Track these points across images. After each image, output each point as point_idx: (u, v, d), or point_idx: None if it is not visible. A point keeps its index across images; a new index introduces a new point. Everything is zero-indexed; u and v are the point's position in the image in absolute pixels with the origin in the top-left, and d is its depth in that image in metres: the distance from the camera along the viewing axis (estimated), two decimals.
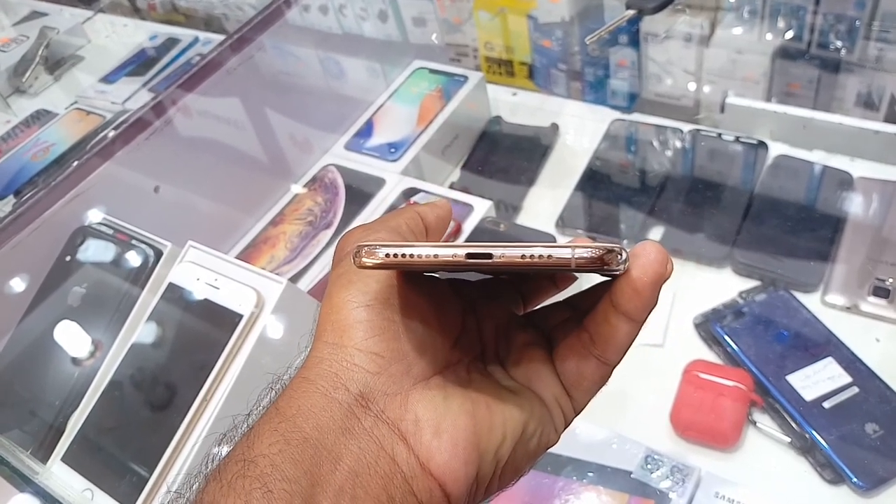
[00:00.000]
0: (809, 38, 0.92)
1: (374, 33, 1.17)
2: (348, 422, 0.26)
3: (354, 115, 1.01)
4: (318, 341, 0.28)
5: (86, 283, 0.73)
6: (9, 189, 1.11)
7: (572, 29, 1.04)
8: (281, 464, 0.25)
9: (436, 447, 0.26)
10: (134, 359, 0.65)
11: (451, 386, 0.28)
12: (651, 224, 0.82)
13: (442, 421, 0.27)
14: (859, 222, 0.76)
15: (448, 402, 0.27)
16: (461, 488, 0.26)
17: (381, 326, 0.27)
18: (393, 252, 0.25)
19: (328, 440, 0.25)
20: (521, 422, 0.29)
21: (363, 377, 0.27)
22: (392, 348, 0.27)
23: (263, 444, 0.25)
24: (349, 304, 0.28)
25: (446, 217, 0.34)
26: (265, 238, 0.90)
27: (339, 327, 0.28)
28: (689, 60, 0.98)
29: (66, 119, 1.22)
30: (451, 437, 0.26)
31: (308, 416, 0.26)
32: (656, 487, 0.60)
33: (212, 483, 0.25)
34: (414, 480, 0.26)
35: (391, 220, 0.32)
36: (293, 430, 0.25)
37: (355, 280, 0.28)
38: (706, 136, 0.89)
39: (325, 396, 0.26)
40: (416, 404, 0.27)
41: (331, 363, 0.27)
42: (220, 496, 0.24)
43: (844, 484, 0.60)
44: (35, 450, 0.65)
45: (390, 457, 0.26)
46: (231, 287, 0.63)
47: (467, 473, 0.27)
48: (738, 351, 0.69)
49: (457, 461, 0.26)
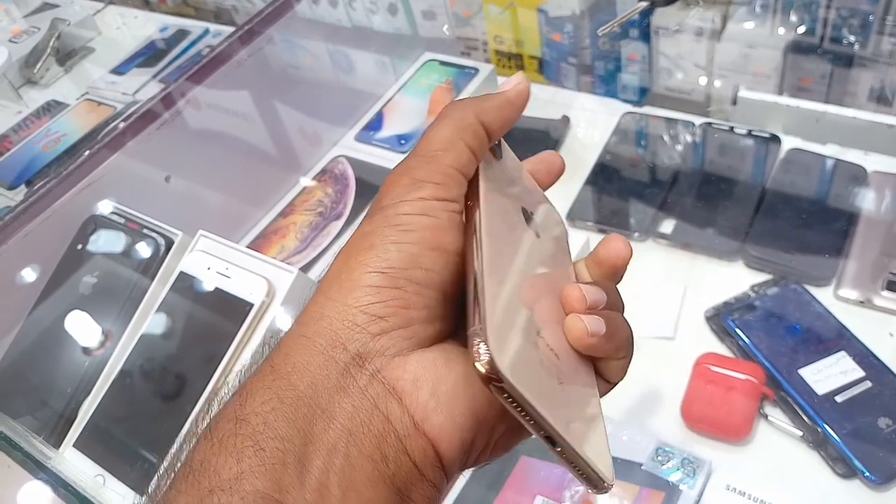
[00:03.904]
0: (822, 33, 0.92)
1: (384, 27, 1.17)
2: (343, 380, 0.25)
3: (363, 109, 1.01)
4: (322, 295, 0.28)
5: (97, 272, 0.74)
6: (20, 179, 1.11)
7: (583, 22, 1.03)
8: (274, 422, 0.24)
9: (432, 408, 0.26)
10: (145, 348, 0.65)
11: (454, 352, 0.28)
12: (662, 217, 0.82)
13: (441, 383, 0.26)
14: (873, 217, 0.76)
15: (449, 367, 0.27)
16: (455, 451, 0.26)
17: (391, 294, 0.27)
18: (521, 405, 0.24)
19: (322, 398, 0.25)
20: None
21: (363, 338, 0.26)
22: (399, 315, 0.27)
23: (256, 402, 0.25)
24: (363, 267, 0.27)
25: (514, 115, 0.32)
26: (275, 229, 0.90)
27: (347, 286, 0.27)
28: (700, 55, 0.98)
29: (77, 110, 1.22)
30: (449, 400, 0.26)
31: (303, 374, 0.25)
32: (667, 479, 0.60)
33: (203, 442, 0.25)
34: (407, 439, 0.25)
35: (446, 155, 0.29)
36: (287, 388, 0.25)
37: (378, 244, 0.27)
38: (718, 130, 0.88)
39: (323, 354, 0.26)
40: (416, 364, 0.26)
41: (331, 321, 0.26)
42: (210, 454, 0.24)
43: (856, 478, 0.60)
44: (47, 436, 0.66)
45: (384, 416, 0.25)
46: (242, 276, 0.63)
47: (462, 439, 0.26)
48: (750, 344, 0.68)
49: (452, 425, 0.26)
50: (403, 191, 0.29)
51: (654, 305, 0.74)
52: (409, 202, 0.28)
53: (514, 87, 0.32)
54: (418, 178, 0.29)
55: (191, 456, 0.25)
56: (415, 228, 0.28)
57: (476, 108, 0.31)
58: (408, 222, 0.28)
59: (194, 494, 0.24)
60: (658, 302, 0.75)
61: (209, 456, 0.24)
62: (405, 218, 0.28)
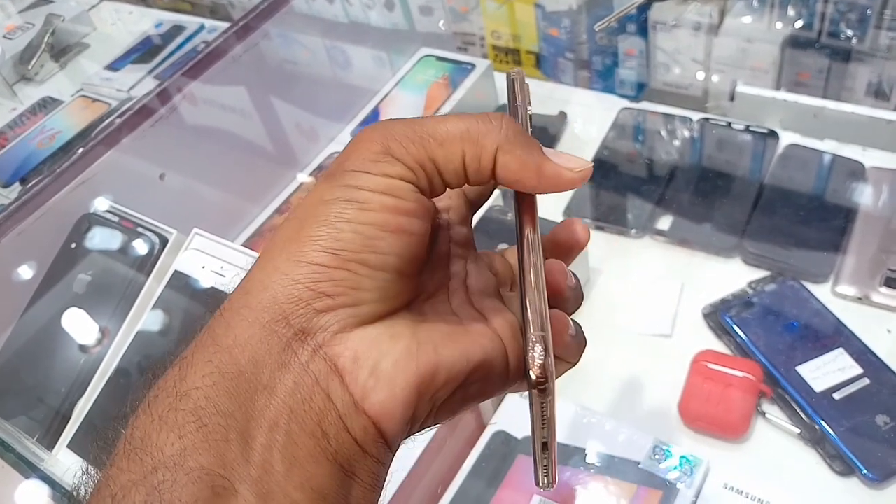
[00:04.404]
0: (820, 27, 0.92)
1: (381, 22, 1.17)
2: (285, 356, 0.25)
3: (360, 104, 1.00)
4: (269, 263, 0.26)
5: (91, 270, 0.73)
6: (15, 176, 1.11)
7: (580, 18, 1.03)
8: (215, 397, 0.24)
9: (371, 386, 0.25)
10: (140, 346, 0.65)
11: (401, 325, 0.27)
12: (659, 214, 0.81)
13: (382, 360, 0.26)
14: (871, 212, 0.76)
15: (393, 342, 0.26)
16: (397, 427, 0.26)
17: (340, 275, 0.26)
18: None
19: (264, 374, 0.24)
20: (466, 369, 0.27)
21: (307, 313, 0.25)
22: (346, 294, 0.26)
23: (197, 376, 0.24)
24: (313, 244, 0.26)
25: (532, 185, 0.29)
26: (271, 226, 0.89)
27: (296, 260, 0.26)
28: (697, 49, 0.98)
29: (72, 106, 1.22)
30: (390, 377, 0.25)
31: (245, 348, 0.25)
32: (664, 478, 0.60)
33: (142, 416, 0.24)
34: (348, 418, 0.25)
35: (439, 149, 0.27)
36: (228, 363, 0.25)
37: (332, 221, 0.26)
38: (716, 125, 0.88)
39: (265, 328, 0.25)
40: (358, 342, 0.26)
41: (276, 294, 0.25)
42: (151, 430, 0.24)
43: (854, 476, 0.60)
44: (41, 436, 0.65)
45: (325, 393, 0.25)
46: (237, 275, 0.63)
47: (404, 414, 0.26)
48: (748, 341, 0.68)
49: (393, 402, 0.25)
50: (371, 158, 0.26)
51: (651, 302, 0.74)
52: (373, 176, 0.26)
53: (556, 168, 0.29)
54: (392, 150, 0.27)
55: (130, 432, 0.24)
56: (374, 208, 0.26)
57: (507, 142, 0.28)
58: (367, 199, 0.26)
59: (137, 472, 0.23)
60: (655, 299, 0.74)
61: (150, 432, 0.24)
62: (365, 195, 0.26)
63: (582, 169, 0.29)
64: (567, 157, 0.29)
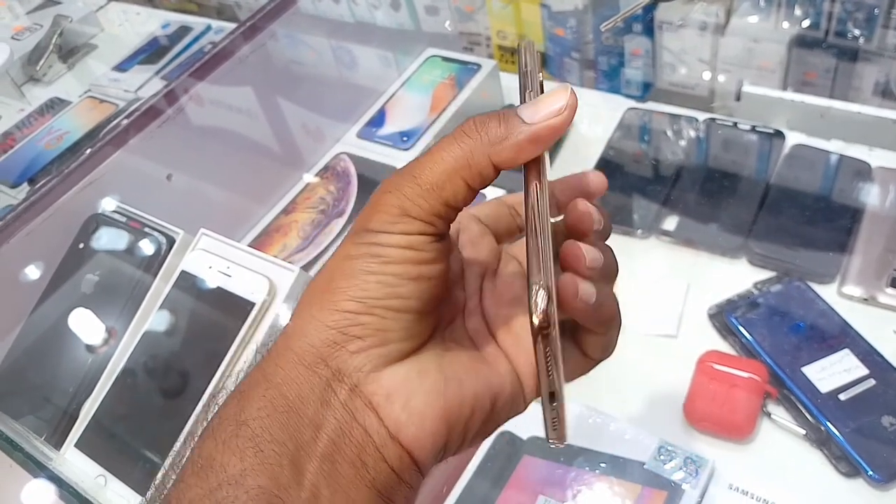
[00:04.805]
0: (827, 27, 0.91)
1: (387, 22, 1.17)
2: (326, 394, 0.28)
3: (366, 105, 1.00)
4: (306, 311, 0.30)
5: (99, 270, 0.74)
6: (23, 177, 1.11)
7: (586, 17, 1.03)
8: (269, 427, 0.27)
9: (404, 421, 0.28)
10: (147, 346, 0.65)
11: (428, 360, 0.30)
12: (665, 214, 0.81)
13: (412, 397, 0.29)
14: (877, 213, 0.75)
15: (421, 379, 0.29)
16: (428, 455, 0.29)
17: (367, 319, 0.29)
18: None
19: (309, 409, 0.28)
20: (491, 397, 0.31)
21: (342, 355, 0.28)
22: (375, 336, 0.29)
23: (253, 408, 0.28)
24: (342, 294, 0.29)
25: (539, 150, 0.29)
26: (277, 227, 0.90)
27: (328, 308, 0.29)
28: (703, 49, 0.97)
29: (80, 107, 1.22)
30: (420, 413, 0.29)
31: (291, 386, 0.28)
32: (669, 479, 0.60)
33: (208, 440, 0.28)
34: (385, 449, 0.28)
35: (443, 191, 0.29)
36: (279, 398, 0.28)
37: (358, 273, 0.29)
38: (722, 125, 0.88)
39: (308, 369, 0.28)
40: (390, 380, 0.29)
41: (313, 339, 0.29)
42: (216, 452, 0.27)
43: (860, 477, 0.60)
44: (49, 436, 0.66)
45: (363, 428, 0.28)
46: (243, 275, 0.63)
47: (434, 443, 0.29)
48: (753, 342, 0.68)
49: (424, 433, 0.29)
50: (390, 220, 0.29)
51: (657, 303, 0.74)
52: (394, 235, 0.29)
53: (546, 122, 0.29)
54: (408, 210, 0.29)
55: (196, 453, 0.28)
56: (395, 260, 0.29)
57: (492, 146, 0.29)
58: (388, 254, 0.29)
59: (203, 487, 0.26)
60: (661, 299, 0.74)
61: (214, 454, 0.27)
62: (387, 250, 0.29)
63: (564, 104, 0.29)
64: (547, 103, 0.29)
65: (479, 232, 0.36)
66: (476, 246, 0.35)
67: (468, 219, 0.36)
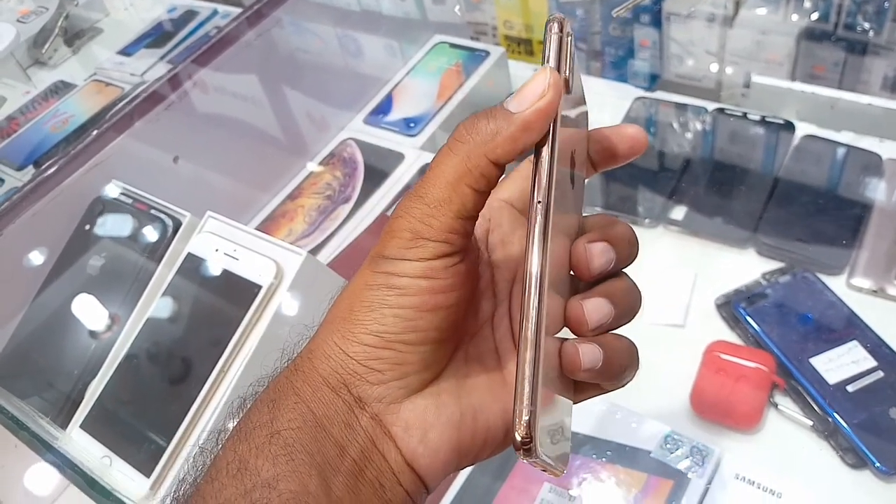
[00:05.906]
0: (836, 20, 0.91)
1: (393, 10, 1.16)
2: (349, 418, 0.30)
3: (371, 93, 1.00)
4: (329, 337, 0.31)
5: (104, 252, 0.73)
6: (28, 160, 1.11)
7: (593, 7, 1.02)
8: (300, 438, 0.29)
9: (420, 453, 0.30)
10: (152, 330, 0.65)
11: (446, 391, 0.31)
12: (673, 204, 0.81)
13: (429, 431, 0.30)
14: (887, 204, 0.75)
15: (438, 413, 0.30)
16: (437, 479, 0.31)
17: (386, 354, 0.30)
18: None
19: (335, 430, 0.29)
20: (504, 428, 0.32)
21: (363, 385, 0.30)
22: (393, 369, 0.30)
23: (285, 419, 0.29)
24: (362, 327, 0.30)
25: (534, 137, 0.29)
26: (283, 212, 0.89)
27: (350, 339, 0.30)
28: (711, 41, 0.97)
29: (85, 91, 1.22)
30: (435, 447, 0.30)
31: (318, 405, 0.30)
32: (675, 467, 0.60)
33: (241, 444, 0.29)
34: (401, 474, 0.30)
35: (450, 206, 0.28)
36: (308, 413, 0.29)
37: (377, 307, 0.29)
38: (731, 116, 0.87)
39: (332, 391, 0.30)
40: (408, 414, 0.30)
41: (335, 365, 0.30)
42: (249, 457, 0.28)
43: (867, 468, 0.60)
44: (54, 416, 0.66)
45: (381, 454, 0.30)
46: (250, 258, 0.63)
47: (445, 471, 0.31)
48: (761, 332, 0.68)
49: (437, 463, 0.31)
50: (404, 245, 0.29)
51: (665, 292, 0.74)
52: (411, 262, 0.29)
53: (534, 107, 0.28)
54: (420, 232, 0.29)
55: (230, 455, 0.29)
56: (412, 293, 0.29)
57: (486, 145, 0.28)
58: (405, 286, 0.29)
59: (238, 487, 0.28)
60: (668, 289, 0.74)
61: (248, 458, 0.28)
62: (403, 281, 0.29)
63: (546, 84, 0.28)
64: (530, 88, 0.29)
65: (509, 226, 0.34)
66: (507, 245, 0.34)
67: (499, 210, 0.34)
